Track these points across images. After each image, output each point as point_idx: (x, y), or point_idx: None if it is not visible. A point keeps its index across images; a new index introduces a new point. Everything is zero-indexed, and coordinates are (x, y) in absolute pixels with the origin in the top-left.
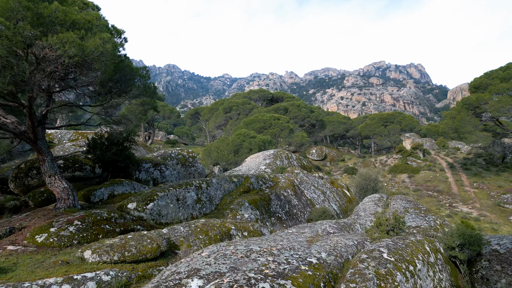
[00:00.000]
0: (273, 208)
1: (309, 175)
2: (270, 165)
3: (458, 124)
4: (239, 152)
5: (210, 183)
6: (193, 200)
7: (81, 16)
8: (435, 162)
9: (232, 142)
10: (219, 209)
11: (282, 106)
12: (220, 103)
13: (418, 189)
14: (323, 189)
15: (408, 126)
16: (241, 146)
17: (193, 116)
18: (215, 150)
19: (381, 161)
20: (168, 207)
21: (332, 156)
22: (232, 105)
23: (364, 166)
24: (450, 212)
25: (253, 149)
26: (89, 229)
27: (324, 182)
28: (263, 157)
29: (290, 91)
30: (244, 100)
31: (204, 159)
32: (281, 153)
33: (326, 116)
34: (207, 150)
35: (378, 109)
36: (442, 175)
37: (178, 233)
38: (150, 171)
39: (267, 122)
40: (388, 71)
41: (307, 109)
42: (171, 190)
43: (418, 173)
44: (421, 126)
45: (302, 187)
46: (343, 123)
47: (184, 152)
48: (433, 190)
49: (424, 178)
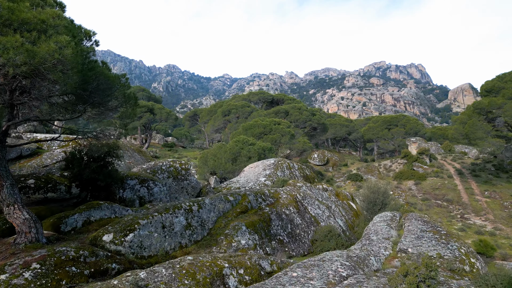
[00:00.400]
0: (274, 230)
1: (313, 188)
2: (271, 177)
3: (469, 130)
4: (237, 160)
5: (202, 204)
6: (182, 226)
7: (33, 15)
8: (442, 168)
9: (230, 149)
10: (212, 234)
11: (283, 109)
12: (219, 105)
13: (426, 198)
14: (327, 203)
15: (413, 129)
16: (240, 154)
17: (191, 118)
18: (212, 158)
19: (385, 166)
20: (151, 236)
21: (335, 161)
22: (231, 108)
23: (368, 171)
24: (463, 225)
25: (252, 157)
26: (50, 274)
27: (328, 195)
28: (263, 167)
29: (290, 91)
30: (243, 103)
31: (201, 167)
32: (282, 163)
33: (328, 119)
34: (204, 158)
35: (379, 109)
36: (451, 182)
37: (158, 278)
38: (136, 188)
39: (267, 127)
40: (389, 71)
41: (308, 112)
42: (155, 216)
43: (425, 180)
44: (426, 129)
45: (305, 202)
46: (345, 126)
47: (176, 164)
48: (442, 199)
49: (432, 186)
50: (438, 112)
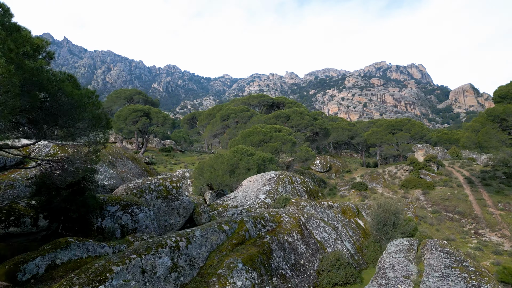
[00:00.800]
0: (275, 263)
1: (317, 207)
2: (271, 193)
3: (482, 138)
4: (235, 172)
5: (192, 238)
6: (167, 268)
7: None
8: (450, 176)
9: (228, 160)
10: (203, 274)
11: (284, 114)
12: (217, 108)
13: (436, 211)
14: (334, 224)
15: (418, 134)
16: (238, 165)
17: (190, 121)
18: (209, 170)
19: (390, 172)
20: (128, 286)
21: (337, 167)
22: (230, 112)
23: (372, 179)
24: (478, 243)
25: (252, 169)
26: None
27: (334, 213)
28: (263, 181)
29: (291, 91)
30: (242, 107)
31: (196, 179)
32: (284, 177)
33: (330, 122)
34: (200, 168)
35: (379, 110)
36: (461, 192)
37: None
38: (117, 216)
39: (267, 135)
40: (389, 71)
41: (310, 116)
42: (133, 259)
43: (433, 189)
44: (432, 134)
45: (310, 225)
46: (347, 130)
47: (166, 182)
48: (453, 211)
49: (441, 196)
50: (439, 113)
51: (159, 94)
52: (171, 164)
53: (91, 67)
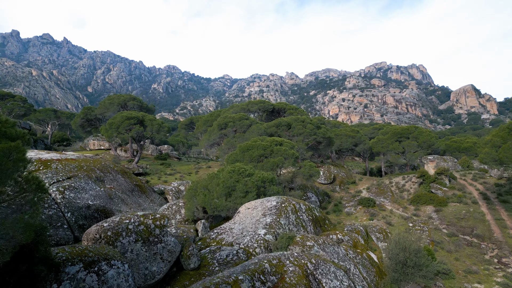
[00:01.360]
0: None
1: (326, 245)
2: (272, 227)
3: (503, 155)
4: (232, 195)
5: None
6: None
7: None
8: (464, 191)
9: (224, 182)
10: None
11: (285, 122)
12: (216, 114)
13: (453, 234)
14: (345, 266)
15: (426, 142)
16: (235, 188)
17: (188, 126)
18: (202, 192)
19: (397, 184)
20: None
21: (342, 178)
22: (228, 121)
23: (380, 192)
24: (505, 276)
25: (250, 192)
26: None
27: (345, 249)
28: (263, 210)
29: (291, 92)
30: (241, 115)
31: (189, 201)
32: (286, 206)
33: (333, 129)
34: (193, 189)
35: (380, 111)
36: (477, 210)
37: None
38: (79, 278)
39: (268, 149)
40: (390, 72)
41: (312, 125)
42: None
43: (446, 206)
44: (440, 143)
45: (318, 273)
46: (351, 137)
47: (148, 220)
48: (470, 233)
49: (455, 214)
50: (440, 114)
51: (158, 95)
52: (166, 174)
53: (91, 67)
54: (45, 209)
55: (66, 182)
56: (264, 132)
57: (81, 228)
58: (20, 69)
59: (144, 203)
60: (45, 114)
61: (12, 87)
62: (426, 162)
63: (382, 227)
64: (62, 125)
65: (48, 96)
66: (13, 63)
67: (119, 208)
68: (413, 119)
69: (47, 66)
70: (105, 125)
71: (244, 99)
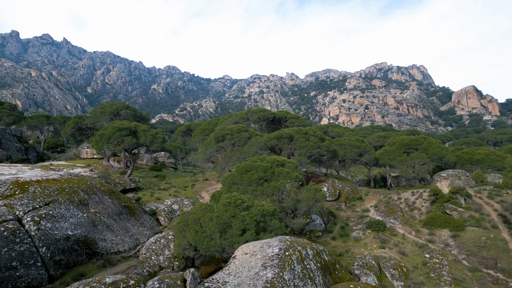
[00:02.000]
0: None
1: None
2: (274, 285)
3: None
4: (227, 233)
5: None
6: None
7: None
8: (481, 212)
9: (218, 217)
10: None
11: (286, 134)
12: (213, 122)
13: (475, 268)
14: None
15: (436, 155)
16: (231, 224)
17: (185, 134)
18: (193, 228)
19: (407, 201)
20: None
21: (347, 194)
22: (226, 133)
23: (389, 212)
24: None
25: (249, 230)
26: None
27: None
28: (263, 259)
29: (291, 93)
30: (240, 127)
31: (179, 236)
32: (291, 254)
33: (337, 138)
34: (183, 222)
35: (381, 112)
36: (497, 236)
37: None
38: None
39: (268, 171)
40: (390, 72)
41: (316, 137)
42: None
43: (463, 231)
44: (450, 155)
45: None
46: (356, 147)
47: None
48: (494, 267)
49: (475, 242)
50: (442, 115)
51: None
52: (160, 189)
53: (90, 68)
54: (15, 245)
55: (44, 210)
56: (264, 146)
57: (58, 264)
58: (19, 70)
59: (133, 227)
60: (37, 120)
61: (11, 88)
62: (439, 179)
63: (396, 260)
64: (56, 131)
65: (47, 97)
66: (12, 64)
67: (103, 236)
68: (414, 120)
69: (47, 67)
70: (96, 136)
71: (244, 100)
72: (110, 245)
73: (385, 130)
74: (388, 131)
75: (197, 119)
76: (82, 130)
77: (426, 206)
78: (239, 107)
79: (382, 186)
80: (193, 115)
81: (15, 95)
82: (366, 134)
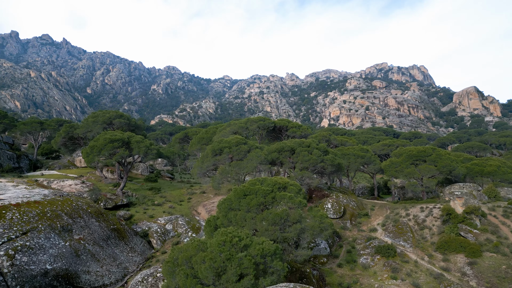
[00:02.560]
0: None
1: None
2: None
3: None
4: (222, 277)
5: None
6: None
7: None
8: (499, 235)
9: (212, 259)
10: None
11: (288, 147)
12: (211, 131)
13: None
14: None
15: (446, 167)
16: (226, 269)
17: (182, 140)
18: (183, 271)
19: (416, 218)
20: None
21: (352, 210)
22: (223, 146)
23: (398, 232)
24: None
25: (247, 275)
26: None
27: None
28: None
29: (291, 94)
30: (238, 140)
31: (168, 277)
32: None
33: (340, 147)
34: (172, 263)
35: (382, 113)
36: None
37: None
38: None
39: (269, 196)
40: (391, 73)
41: (319, 150)
42: None
43: (481, 257)
44: (460, 168)
45: None
46: (360, 157)
47: None
48: None
49: (495, 270)
50: (443, 116)
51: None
52: (154, 205)
53: (90, 68)
54: None
55: (20, 241)
56: (264, 160)
57: None
58: (18, 70)
59: (122, 253)
60: (30, 127)
61: (10, 88)
62: (452, 198)
63: None
64: (50, 136)
65: (47, 98)
66: (12, 65)
67: (87, 268)
68: (415, 121)
69: (46, 67)
70: (86, 148)
71: (244, 101)
72: (94, 277)
73: (387, 132)
74: (390, 133)
75: (197, 120)
76: (74, 139)
77: (437, 225)
78: (239, 107)
79: (385, 193)
80: (192, 116)
81: (14, 96)
82: (368, 138)
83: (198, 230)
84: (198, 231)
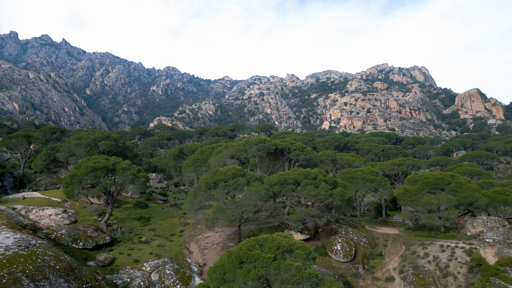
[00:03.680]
0: None
1: None
2: None
3: None
4: None
5: None
6: None
7: None
8: None
9: None
10: None
11: (292, 179)
12: (207, 151)
13: None
14: None
15: (468, 199)
16: None
17: (177, 156)
18: None
19: (438, 262)
20: None
21: (364, 249)
22: (218, 178)
23: (419, 282)
24: None
25: None
26: None
27: None
28: None
29: (292, 95)
30: (235, 171)
31: None
32: None
33: (347, 169)
34: None
35: (384, 116)
36: None
37: None
38: None
39: (272, 265)
40: (392, 74)
41: (327, 183)
42: None
43: None
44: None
45: None
46: (370, 181)
47: None
48: None
49: None
50: (445, 119)
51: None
52: (141, 242)
53: (89, 69)
54: None
55: None
56: (265, 195)
57: None
58: (17, 71)
59: None
60: (16, 140)
61: (8, 90)
62: (483, 245)
63: None
64: (38, 151)
65: (45, 99)
66: (10, 66)
67: None
68: (417, 124)
69: (45, 68)
70: (66, 178)
71: (244, 102)
72: None
73: (390, 137)
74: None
75: (196, 122)
76: (57, 162)
77: (463, 273)
78: (239, 109)
79: (392, 209)
80: (192, 118)
81: (12, 98)
82: (372, 147)
83: (188, 280)
84: (188, 281)
